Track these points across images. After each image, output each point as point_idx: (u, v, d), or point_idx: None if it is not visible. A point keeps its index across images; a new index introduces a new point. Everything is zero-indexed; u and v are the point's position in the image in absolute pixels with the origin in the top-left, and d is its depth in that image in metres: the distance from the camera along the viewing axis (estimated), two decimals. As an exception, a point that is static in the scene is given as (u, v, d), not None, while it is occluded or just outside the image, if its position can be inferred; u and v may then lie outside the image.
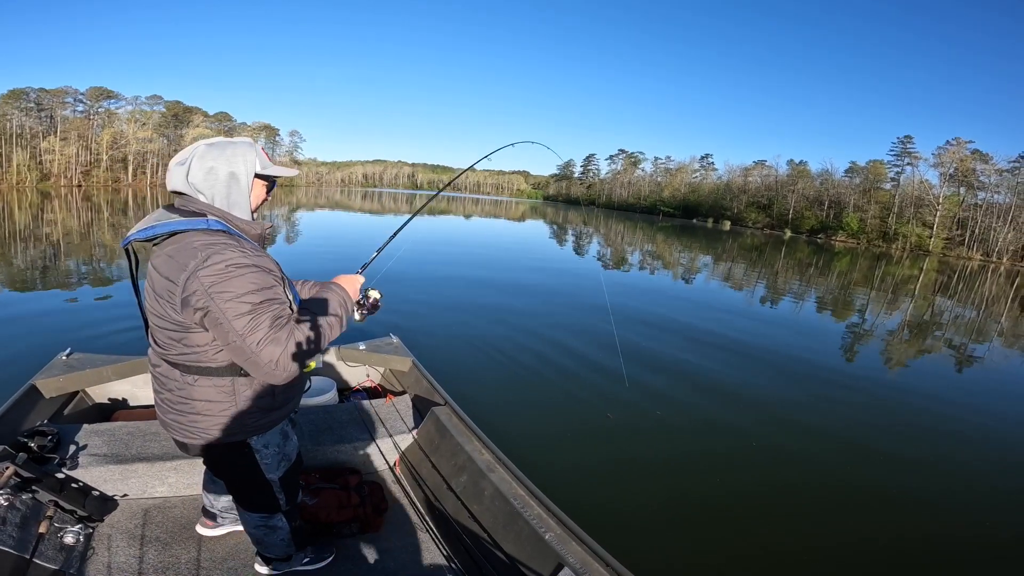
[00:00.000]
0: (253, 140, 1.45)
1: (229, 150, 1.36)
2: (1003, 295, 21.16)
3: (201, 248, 1.24)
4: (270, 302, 1.29)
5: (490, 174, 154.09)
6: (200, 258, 1.23)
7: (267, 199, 1.53)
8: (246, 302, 1.24)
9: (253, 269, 1.27)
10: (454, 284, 10.45)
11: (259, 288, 1.27)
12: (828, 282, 18.97)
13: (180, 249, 1.27)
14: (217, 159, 1.34)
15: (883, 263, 32.83)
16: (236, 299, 1.23)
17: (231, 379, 1.38)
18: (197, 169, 1.33)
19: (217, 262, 1.23)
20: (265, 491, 1.62)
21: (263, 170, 1.42)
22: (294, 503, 1.77)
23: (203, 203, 1.35)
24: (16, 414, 2.46)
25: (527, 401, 4.87)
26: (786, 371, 6.69)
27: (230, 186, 1.36)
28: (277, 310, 1.30)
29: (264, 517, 1.73)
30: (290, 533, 1.81)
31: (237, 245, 1.28)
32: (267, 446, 1.55)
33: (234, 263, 1.24)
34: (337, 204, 45.86)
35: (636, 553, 2.70)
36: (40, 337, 5.45)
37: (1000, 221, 48.00)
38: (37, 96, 56.33)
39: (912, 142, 57.59)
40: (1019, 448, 5.15)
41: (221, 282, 1.22)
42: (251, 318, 1.25)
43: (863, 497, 3.83)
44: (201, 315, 1.25)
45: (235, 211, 1.38)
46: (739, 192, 69.83)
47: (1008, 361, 9.34)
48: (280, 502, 1.68)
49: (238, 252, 1.26)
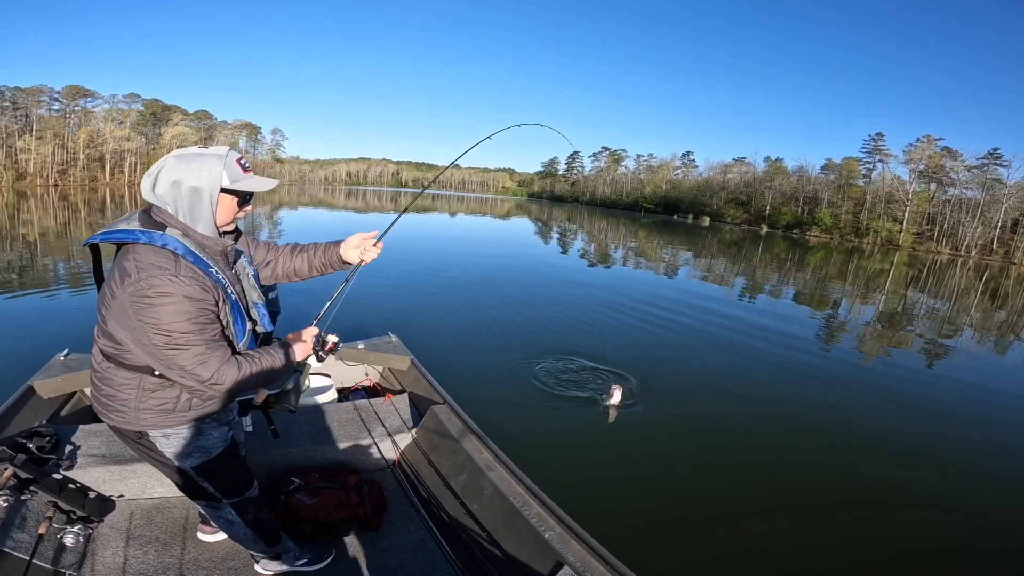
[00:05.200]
0: (232, 147, 1.45)
1: (196, 163, 1.35)
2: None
3: (139, 269, 1.27)
4: (198, 332, 1.33)
5: (475, 171, 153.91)
6: (133, 279, 1.26)
7: (243, 212, 1.50)
8: (172, 331, 1.29)
9: (181, 300, 1.28)
10: (453, 283, 10.58)
11: (188, 319, 1.30)
12: (812, 277, 19.58)
13: (126, 263, 1.30)
14: (182, 172, 1.34)
15: (856, 257, 33.74)
16: (161, 329, 1.28)
17: (140, 376, 1.42)
18: (163, 182, 1.34)
19: (146, 289, 1.26)
20: (184, 476, 1.63)
21: (232, 184, 1.39)
22: (241, 496, 1.74)
23: (169, 215, 1.37)
24: (14, 415, 2.46)
25: (526, 400, 4.87)
26: (784, 369, 6.82)
27: (192, 200, 1.36)
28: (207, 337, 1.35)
29: (210, 507, 1.76)
30: (248, 527, 1.79)
31: (173, 271, 1.29)
32: (168, 437, 1.54)
33: (163, 291, 1.26)
34: (320, 202, 45.52)
35: (635, 552, 2.81)
36: (38, 338, 5.48)
37: (969, 216, 49.73)
38: (12, 95, 55.06)
39: (883, 139, 59.30)
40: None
41: (148, 309, 1.26)
42: (177, 350, 1.31)
43: (863, 495, 3.86)
44: (129, 335, 1.31)
45: (198, 226, 1.38)
46: (719, 189, 71.06)
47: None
48: (208, 491, 1.67)
49: (169, 280, 1.27)
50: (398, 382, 3.50)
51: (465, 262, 14.26)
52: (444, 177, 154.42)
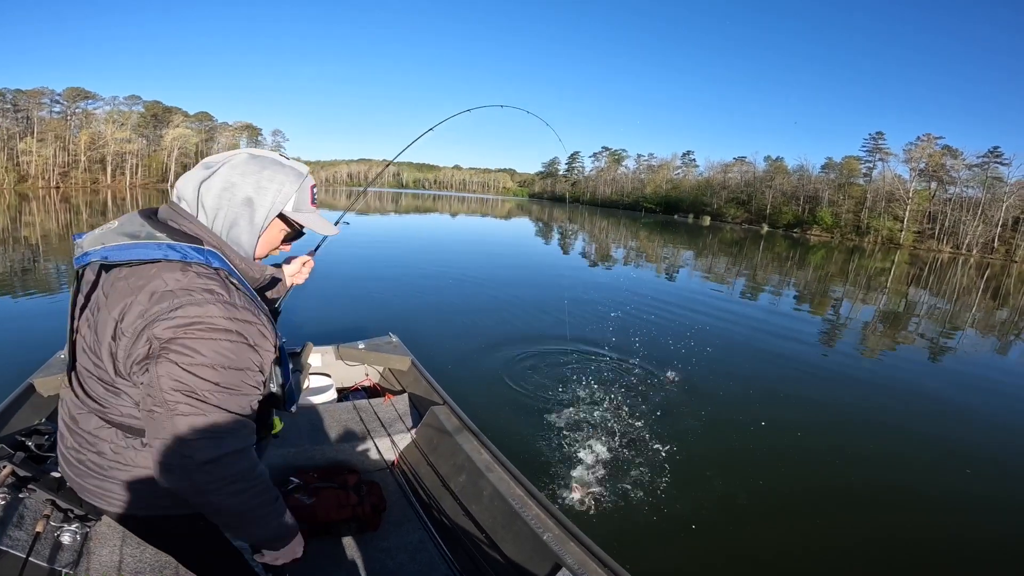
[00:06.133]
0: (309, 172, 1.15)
1: (268, 172, 1.06)
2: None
3: (178, 292, 0.93)
4: (234, 393, 0.97)
5: (476, 172, 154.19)
6: (169, 304, 0.92)
7: (280, 250, 1.22)
8: (204, 379, 0.93)
9: (234, 337, 0.96)
10: (454, 283, 10.55)
11: (229, 366, 0.96)
12: (813, 276, 19.60)
13: (145, 280, 0.94)
14: (246, 176, 1.04)
15: (856, 256, 33.80)
16: (190, 367, 0.93)
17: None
18: (220, 178, 1.04)
19: (189, 316, 0.92)
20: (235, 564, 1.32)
21: (293, 212, 1.10)
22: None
23: (199, 224, 1.04)
24: (14, 413, 2.45)
25: (526, 401, 4.83)
26: (787, 369, 6.81)
27: (240, 214, 1.05)
28: (242, 403, 0.99)
29: None
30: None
31: (226, 296, 0.97)
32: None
33: (209, 323, 0.94)
34: (321, 204, 45.32)
35: (633, 554, 2.82)
36: (38, 337, 5.44)
37: (969, 215, 49.73)
38: (13, 97, 55.30)
39: (883, 138, 59.36)
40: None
41: (182, 339, 0.92)
42: (193, 408, 0.93)
43: (862, 496, 3.86)
44: (138, 369, 0.96)
45: (234, 245, 1.07)
46: (719, 188, 71.20)
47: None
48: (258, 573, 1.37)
49: (223, 309, 0.95)
50: (398, 382, 3.50)
51: (466, 262, 14.26)
52: (445, 178, 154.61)
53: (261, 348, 1.02)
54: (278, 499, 1.11)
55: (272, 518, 1.09)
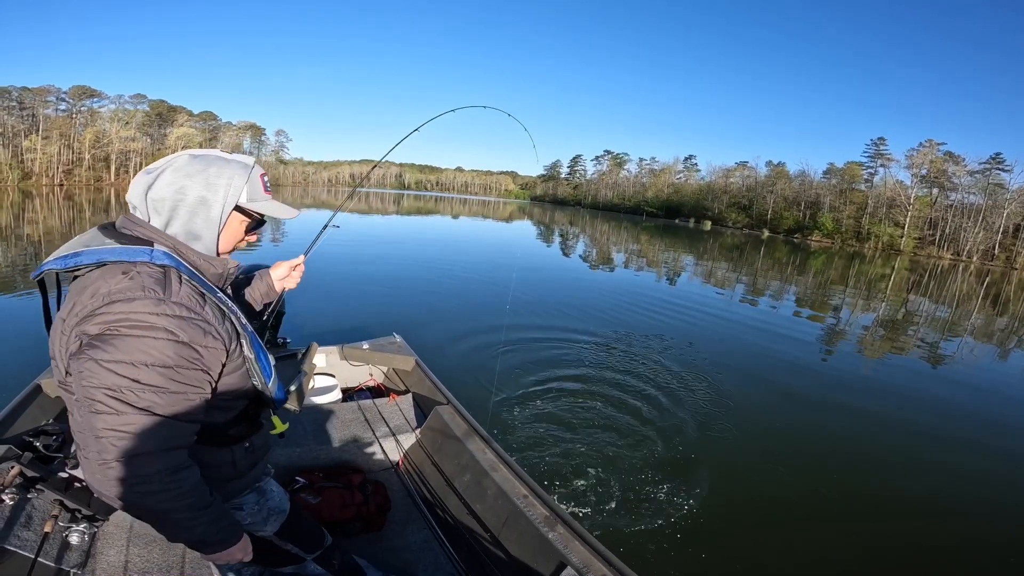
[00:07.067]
0: (256, 162, 1.15)
1: (213, 169, 1.06)
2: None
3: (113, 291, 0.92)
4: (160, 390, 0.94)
5: (478, 174, 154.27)
6: (100, 301, 0.91)
7: (246, 242, 1.20)
8: (131, 378, 0.91)
9: (161, 335, 0.93)
10: (457, 284, 10.64)
11: (155, 363, 0.93)
12: (814, 281, 19.59)
13: (88, 282, 0.95)
14: (193, 177, 1.04)
15: (857, 262, 33.80)
16: (109, 364, 0.90)
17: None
18: (164, 184, 1.03)
19: (114, 312, 0.91)
20: (266, 546, 1.41)
21: (248, 203, 1.11)
22: (323, 547, 1.59)
23: (152, 228, 1.04)
24: (21, 413, 2.45)
25: (530, 400, 4.85)
26: (789, 373, 6.82)
27: (195, 212, 1.05)
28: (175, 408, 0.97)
29: (295, 568, 1.61)
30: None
31: (158, 293, 0.95)
32: (241, 508, 1.33)
33: (136, 320, 0.91)
34: (323, 204, 45.75)
35: (638, 553, 2.86)
36: (45, 337, 5.36)
37: (970, 221, 49.71)
38: (19, 95, 55.54)
39: (885, 144, 59.43)
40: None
41: (107, 335, 0.91)
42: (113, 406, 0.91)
43: (870, 503, 3.85)
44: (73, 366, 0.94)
45: (194, 244, 1.07)
46: (721, 193, 71.21)
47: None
48: (292, 552, 1.49)
49: (152, 305, 0.93)
50: (402, 382, 3.51)
51: (468, 263, 14.33)
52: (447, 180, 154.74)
53: (200, 345, 0.99)
54: (211, 506, 1.08)
55: (198, 523, 1.06)
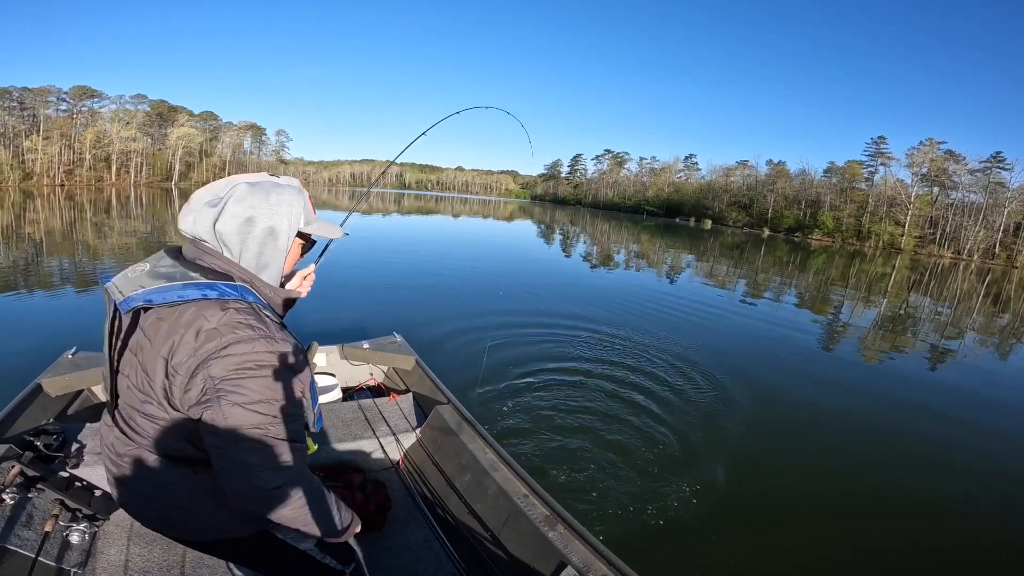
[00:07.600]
0: (300, 184, 1.17)
1: (275, 196, 1.09)
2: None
3: (222, 329, 0.98)
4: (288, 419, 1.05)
5: (478, 174, 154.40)
6: (218, 343, 0.98)
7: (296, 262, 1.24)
8: (260, 412, 1.01)
9: (280, 370, 1.03)
10: (458, 283, 10.67)
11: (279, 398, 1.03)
12: (815, 280, 19.58)
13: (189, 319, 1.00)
14: (258, 207, 1.06)
15: (858, 261, 33.79)
16: (248, 404, 0.99)
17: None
18: (231, 216, 1.05)
19: (238, 354, 0.98)
20: (308, 564, 1.35)
21: (306, 226, 1.15)
22: (353, 561, 1.50)
23: (227, 260, 1.07)
24: (21, 413, 2.45)
25: (530, 400, 4.86)
26: (790, 372, 6.84)
27: (265, 244, 1.08)
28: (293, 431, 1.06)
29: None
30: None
31: (265, 331, 1.02)
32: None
33: (257, 360, 1.00)
34: (324, 203, 45.85)
35: (639, 553, 2.81)
36: (45, 336, 5.43)
37: (971, 220, 49.68)
38: (20, 95, 55.62)
39: (886, 142, 59.44)
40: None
41: (236, 379, 0.98)
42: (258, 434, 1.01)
43: (874, 502, 3.86)
44: (200, 411, 1.01)
45: (263, 275, 1.11)
46: (721, 192, 71.25)
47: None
48: (330, 567, 1.42)
49: (267, 344, 1.01)
50: (403, 382, 3.51)
51: (469, 263, 14.36)
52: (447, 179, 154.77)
53: (300, 371, 1.08)
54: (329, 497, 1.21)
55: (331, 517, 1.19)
